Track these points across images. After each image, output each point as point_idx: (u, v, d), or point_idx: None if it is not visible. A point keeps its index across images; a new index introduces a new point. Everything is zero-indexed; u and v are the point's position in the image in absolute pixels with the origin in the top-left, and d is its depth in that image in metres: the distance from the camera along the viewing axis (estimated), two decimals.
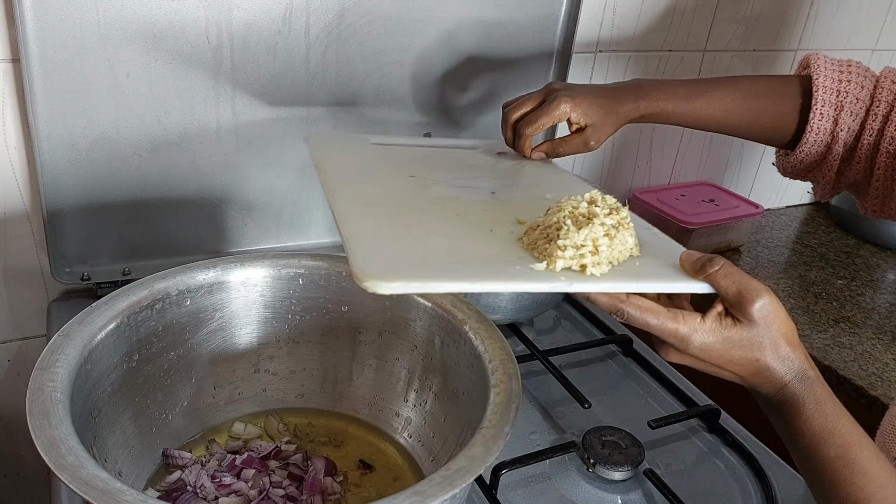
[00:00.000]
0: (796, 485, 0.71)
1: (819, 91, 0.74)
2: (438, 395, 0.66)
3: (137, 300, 0.61)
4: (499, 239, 0.56)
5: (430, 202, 0.62)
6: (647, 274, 0.53)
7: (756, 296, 0.50)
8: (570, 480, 0.69)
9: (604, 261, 0.51)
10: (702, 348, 0.51)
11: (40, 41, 0.73)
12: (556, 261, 0.50)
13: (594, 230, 0.51)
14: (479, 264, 0.51)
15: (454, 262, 0.51)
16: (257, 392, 0.71)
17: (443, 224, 0.58)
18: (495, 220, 0.59)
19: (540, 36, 0.97)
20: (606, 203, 0.55)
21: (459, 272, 0.49)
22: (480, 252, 0.53)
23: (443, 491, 0.45)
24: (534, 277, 0.50)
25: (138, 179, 0.83)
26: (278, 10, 0.81)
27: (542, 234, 0.53)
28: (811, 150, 0.75)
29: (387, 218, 0.57)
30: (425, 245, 0.53)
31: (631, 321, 0.51)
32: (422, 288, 0.47)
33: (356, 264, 0.46)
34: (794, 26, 1.27)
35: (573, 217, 0.53)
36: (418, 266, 0.49)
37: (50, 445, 0.45)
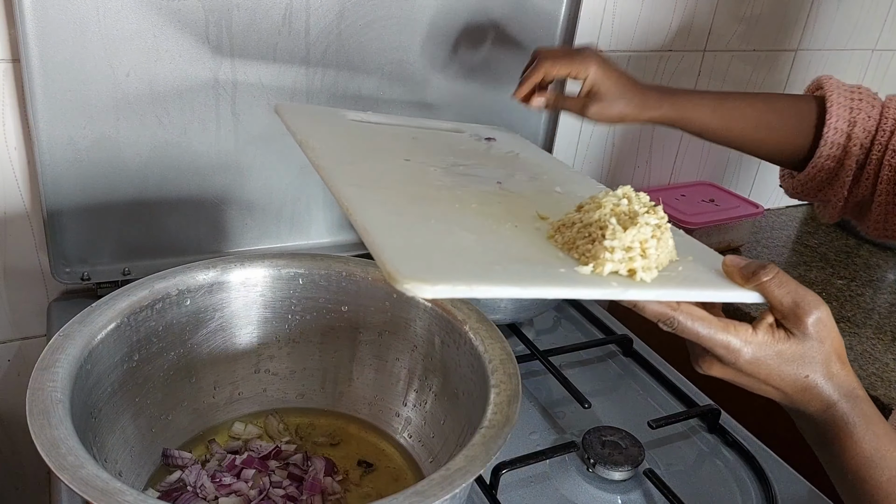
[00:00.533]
0: (796, 485, 0.71)
1: (833, 106, 0.73)
2: (438, 395, 0.66)
3: (137, 300, 0.61)
4: (527, 235, 0.53)
5: (435, 190, 0.59)
6: (695, 281, 0.49)
7: (812, 308, 0.48)
8: (570, 480, 0.69)
9: (653, 265, 0.48)
10: (751, 362, 0.48)
11: (40, 41, 0.73)
12: (605, 264, 0.47)
13: (642, 231, 0.48)
14: (521, 266, 0.48)
15: (491, 262, 0.47)
16: (257, 392, 0.71)
17: (461, 216, 0.54)
18: (514, 214, 0.56)
19: (540, 36, 0.97)
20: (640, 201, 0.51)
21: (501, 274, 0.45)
22: (515, 251, 0.50)
23: (443, 491, 0.45)
24: (583, 282, 0.46)
25: (138, 179, 0.83)
26: (278, 10, 0.81)
27: (581, 232, 0.50)
28: (824, 164, 0.74)
29: (396, 205, 0.54)
30: (452, 241, 0.49)
31: (680, 330, 0.48)
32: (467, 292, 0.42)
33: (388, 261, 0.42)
34: (794, 26, 1.27)
35: (616, 215, 0.49)
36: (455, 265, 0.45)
37: (50, 445, 0.45)
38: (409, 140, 0.73)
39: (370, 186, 0.56)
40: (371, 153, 0.66)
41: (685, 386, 0.83)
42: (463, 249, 0.48)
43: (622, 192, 0.51)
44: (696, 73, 1.21)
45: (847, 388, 0.49)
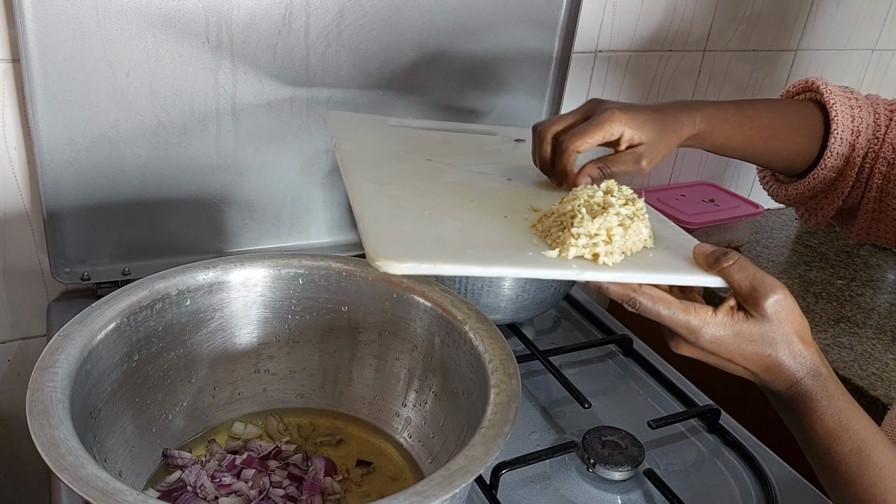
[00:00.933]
0: (796, 485, 0.71)
1: (838, 116, 0.72)
2: (438, 395, 0.66)
3: (137, 300, 0.61)
4: (513, 225, 0.56)
5: (444, 186, 0.62)
6: (659, 265, 0.53)
7: (770, 291, 0.50)
8: (570, 480, 0.69)
9: (616, 250, 0.51)
10: (712, 341, 0.51)
11: (40, 41, 0.73)
12: (569, 248, 0.50)
13: (608, 219, 0.51)
14: (492, 249, 0.51)
15: (467, 246, 0.51)
16: (257, 392, 0.71)
17: (457, 208, 0.58)
18: (510, 207, 0.59)
19: (540, 36, 0.97)
20: (622, 193, 0.54)
21: (471, 256, 0.49)
22: (494, 237, 0.53)
23: (443, 491, 0.45)
24: (545, 264, 0.50)
25: (138, 179, 0.83)
26: (278, 10, 0.81)
27: (556, 221, 0.53)
28: (826, 175, 0.73)
29: (400, 199, 0.57)
30: (439, 228, 0.53)
31: (642, 311, 0.51)
32: (432, 269, 0.46)
33: (369, 243, 0.47)
34: (794, 26, 1.27)
35: (588, 206, 0.53)
36: (430, 248, 0.49)
37: (50, 445, 0.45)
38: (440, 142, 0.75)
39: (381, 182, 0.60)
40: (397, 154, 0.69)
41: (685, 386, 0.83)
42: (445, 235, 0.52)
43: (605, 186, 0.55)
44: (696, 73, 1.21)
45: (810, 367, 0.51)
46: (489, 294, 0.79)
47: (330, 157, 0.93)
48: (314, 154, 0.91)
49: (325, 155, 0.92)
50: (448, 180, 0.64)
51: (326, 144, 0.91)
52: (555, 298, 0.84)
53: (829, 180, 0.74)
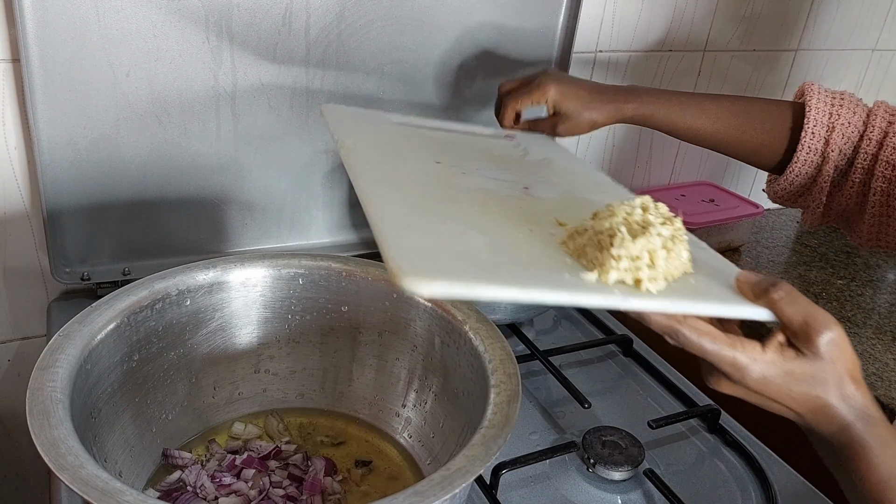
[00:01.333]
0: (796, 485, 0.71)
1: (812, 111, 0.73)
2: (438, 395, 0.66)
3: (137, 300, 0.61)
4: (540, 241, 0.52)
5: (460, 192, 0.58)
6: (705, 294, 0.48)
7: (824, 328, 0.46)
8: (570, 480, 0.69)
9: (660, 276, 0.46)
10: (759, 381, 0.47)
11: (40, 41, 0.73)
12: (610, 272, 0.46)
13: (651, 241, 0.46)
14: (525, 269, 0.47)
15: (496, 264, 0.47)
16: (257, 392, 0.71)
17: (477, 219, 0.54)
18: (533, 219, 0.55)
19: (540, 36, 0.97)
20: (659, 212, 0.50)
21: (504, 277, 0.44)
22: (523, 255, 0.49)
23: (443, 491, 0.45)
24: (585, 289, 0.45)
25: (138, 179, 0.83)
26: (278, 10, 0.81)
27: (592, 240, 0.49)
28: (802, 169, 0.75)
29: (417, 206, 0.53)
30: (463, 241, 0.49)
31: (685, 344, 0.47)
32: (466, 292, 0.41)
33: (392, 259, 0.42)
34: (794, 26, 1.27)
35: (627, 224, 0.48)
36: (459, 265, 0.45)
37: (50, 445, 0.45)
38: (446, 143, 0.72)
39: (393, 185, 0.56)
40: (404, 154, 0.66)
41: (685, 386, 0.83)
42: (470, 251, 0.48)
43: (639, 202, 0.50)
44: (696, 73, 1.21)
45: (861, 410, 0.48)
46: None
47: (330, 157, 0.93)
48: (314, 154, 0.92)
49: (325, 155, 0.92)
50: (462, 186, 0.60)
51: (327, 144, 0.91)
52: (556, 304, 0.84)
53: (807, 176, 0.75)
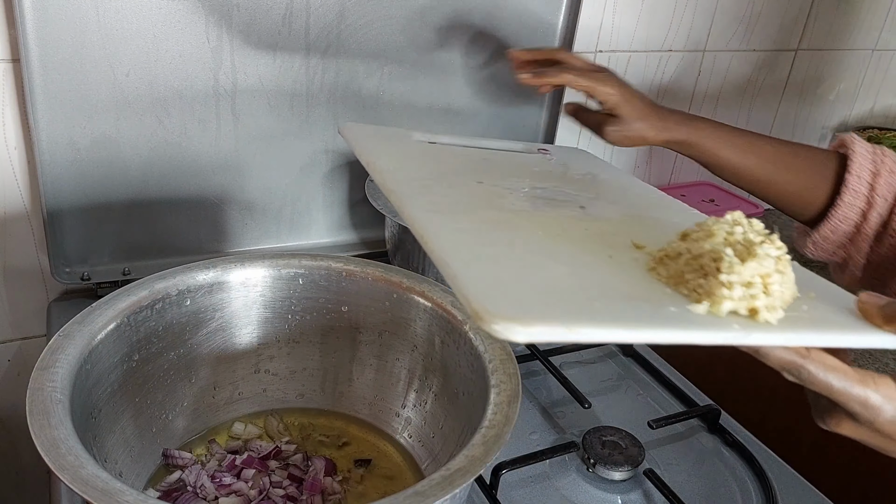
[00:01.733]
0: (796, 485, 0.71)
1: (856, 156, 0.71)
2: (438, 396, 0.66)
3: (137, 300, 0.61)
4: (624, 268, 0.47)
5: (515, 216, 0.54)
6: (827, 322, 0.43)
7: None
8: (570, 480, 0.69)
9: (777, 304, 0.41)
10: (893, 421, 0.41)
11: (40, 41, 0.73)
12: (722, 301, 0.40)
13: (764, 263, 0.41)
14: (624, 304, 0.42)
15: (589, 299, 0.41)
16: (257, 392, 0.71)
17: (548, 246, 0.49)
18: (606, 243, 0.50)
19: (540, 36, 0.97)
20: (754, 228, 0.44)
21: (605, 315, 0.39)
22: (614, 286, 0.44)
23: (443, 491, 0.45)
24: (698, 324, 0.40)
25: (138, 179, 0.83)
26: (278, 10, 0.81)
27: (690, 265, 0.44)
28: (846, 214, 0.71)
29: (476, 233, 0.48)
30: (543, 274, 0.44)
31: (808, 381, 0.41)
32: (566, 335, 0.36)
33: (474, 300, 0.37)
34: (794, 26, 1.27)
35: (731, 245, 0.42)
36: (550, 304, 0.40)
37: (50, 445, 0.45)
38: (480, 161, 0.68)
39: (444, 212, 0.51)
40: (441, 175, 0.61)
41: (685, 386, 0.83)
42: (556, 284, 0.43)
43: (732, 219, 0.45)
44: (697, 73, 1.21)
45: None
46: None
47: (330, 156, 0.93)
48: (314, 154, 0.92)
49: (325, 155, 0.92)
50: (515, 208, 0.55)
51: (326, 144, 0.92)
52: None
53: (851, 222, 0.71)
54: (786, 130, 1.40)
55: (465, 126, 0.99)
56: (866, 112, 1.49)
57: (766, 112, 1.35)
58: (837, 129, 1.47)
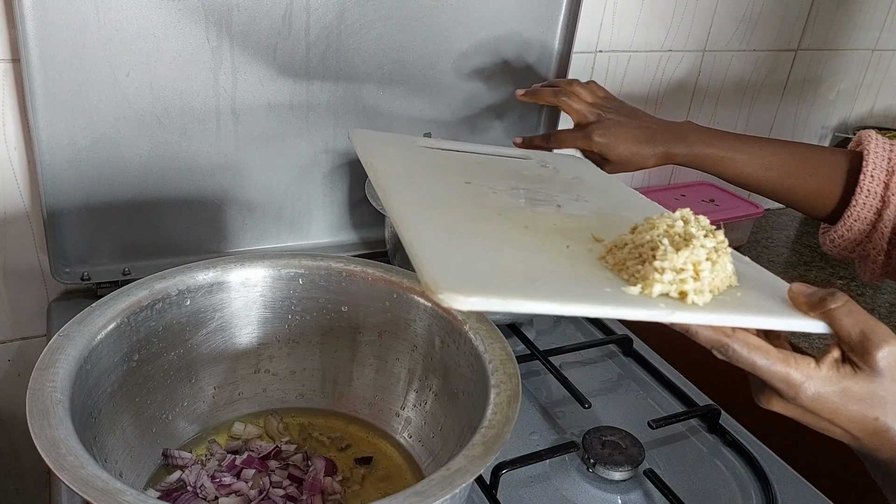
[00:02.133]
0: (796, 485, 0.71)
1: (870, 155, 0.70)
2: (438, 396, 0.66)
3: (137, 300, 0.61)
4: (577, 256, 0.51)
5: (491, 210, 0.58)
6: (753, 307, 0.47)
7: (882, 342, 0.44)
8: (570, 480, 0.69)
9: (706, 289, 0.45)
10: (814, 399, 0.44)
11: (40, 41, 0.73)
12: (654, 284, 0.45)
13: (695, 252, 0.45)
14: (564, 283, 0.46)
15: (534, 278, 0.46)
16: (257, 392, 0.71)
17: (512, 235, 0.53)
18: (568, 236, 0.54)
19: (540, 36, 0.97)
20: (700, 224, 0.49)
21: (543, 290, 0.44)
22: (561, 269, 0.48)
23: (443, 491, 0.45)
24: (628, 302, 0.44)
25: (138, 179, 0.83)
26: (278, 10, 0.81)
27: (632, 253, 0.48)
28: (861, 214, 0.71)
29: (448, 223, 0.53)
30: (498, 257, 0.48)
31: (735, 359, 0.45)
32: (502, 305, 0.41)
33: (426, 273, 0.42)
34: (794, 26, 1.27)
35: (669, 237, 0.47)
36: (496, 280, 0.44)
37: (50, 445, 0.45)
38: (475, 164, 0.72)
39: (424, 205, 0.56)
40: (433, 175, 0.66)
41: (685, 386, 0.83)
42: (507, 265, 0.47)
43: (679, 214, 0.49)
44: (697, 73, 1.21)
45: None
46: None
47: (330, 156, 0.93)
48: (314, 154, 0.92)
49: (325, 155, 0.92)
50: (493, 204, 0.59)
51: (326, 144, 0.91)
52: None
53: (866, 220, 0.71)
54: (786, 130, 1.40)
55: (463, 127, 0.99)
56: (866, 112, 1.49)
57: (766, 112, 1.35)
58: (837, 129, 1.47)
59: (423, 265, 0.43)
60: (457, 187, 0.62)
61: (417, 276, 0.42)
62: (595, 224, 0.58)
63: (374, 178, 0.60)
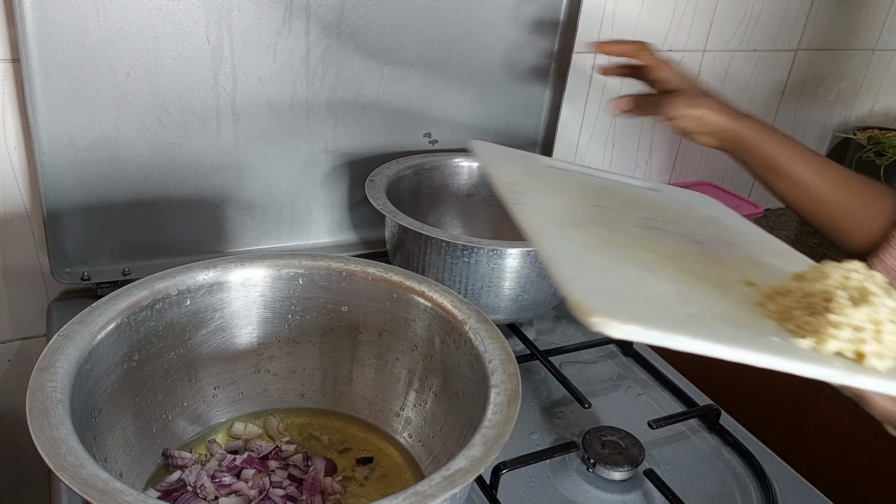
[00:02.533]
0: (796, 485, 0.71)
1: None
2: (438, 395, 0.66)
3: (137, 300, 0.61)
4: (732, 298, 0.47)
5: (628, 237, 0.54)
6: None
7: None
8: (570, 480, 0.69)
9: (888, 352, 0.41)
10: None
11: (40, 41, 0.73)
12: (828, 340, 0.41)
13: (878, 311, 0.41)
14: (724, 325, 0.42)
15: (689, 314, 0.42)
16: (257, 392, 0.71)
17: (656, 266, 0.49)
18: (717, 275, 0.50)
19: (540, 35, 0.98)
20: (874, 280, 0.44)
21: (703, 330, 0.40)
22: (717, 309, 0.44)
23: (443, 491, 0.45)
24: (801, 356, 0.40)
25: (138, 179, 0.83)
26: (278, 10, 0.81)
27: (800, 302, 0.44)
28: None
29: (588, 245, 0.50)
30: (647, 286, 0.45)
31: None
32: (661, 339, 0.38)
33: (575, 295, 0.39)
34: (794, 26, 1.27)
35: (846, 290, 0.43)
36: (649, 310, 0.41)
37: (50, 445, 0.45)
38: (601, 189, 0.69)
39: (559, 223, 0.53)
40: (562, 195, 0.63)
41: (685, 386, 0.83)
42: (658, 297, 0.44)
43: (850, 266, 0.45)
44: (697, 73, 1.21)
45: None
46: (489, 294, 0.79)
47: (330, 156, 0.93)
48: (314, 154, 0.92)
49: (325, 155, 0.92)
50: (630, 231, 0.56)
51: (326, 144, 0.92)
52: (555, 298, 0.84)
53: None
54: (786, 130, 1.39)
55: (463, 127, 0.99)
56: (866, 112, 1.49)
57: (766, 112, 1.35)
58: (837, 129, 1.47)
59: (568, 285, 0.40)
60: (589, 209, 0.59)
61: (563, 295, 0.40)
62: (742, 266, 0.54)
63: (500, 190, 0.58)
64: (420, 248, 0.78)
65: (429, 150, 0.98)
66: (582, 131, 1.15)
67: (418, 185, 0.95)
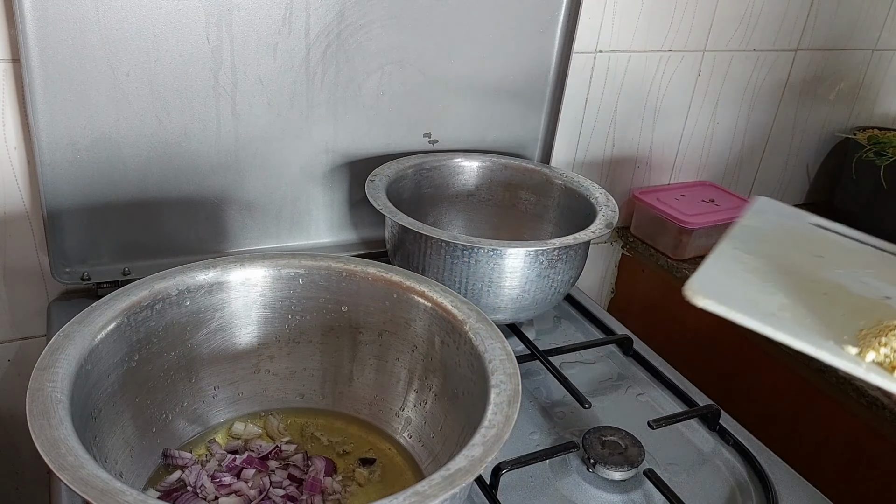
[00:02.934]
0: (796, 485, 0.71)
1: None
2: (438, 395, 0.66)
3: (137, 300, 0.61)
4: (840, 321, 0.53)
5: (808, 278, 0.59)
6: None
7: None
8: (570, 480, 0.69)
9: None
10: None
11: (40, 41, 0.73)
12: (868, 351, 0.49)
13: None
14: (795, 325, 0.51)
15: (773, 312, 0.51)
16: (257, 392, 0.71)
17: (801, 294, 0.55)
18: (857, 314, 0.54)
19: (540, 35, 0.97)
20: None
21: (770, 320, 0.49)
22: (810, 320, 0.52)
23: (443, 491, 0.45)
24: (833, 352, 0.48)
25: (138, 179, 0.83)
26: (278, 10, 0.81)
27: (881, 331, 0.51)
28: None
29: (754, 268, 0.57)
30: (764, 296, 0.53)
31: None
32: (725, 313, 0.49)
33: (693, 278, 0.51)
34: (794, 26, 1.27)
35: None
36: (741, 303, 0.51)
37: (50, 445, 0.45)
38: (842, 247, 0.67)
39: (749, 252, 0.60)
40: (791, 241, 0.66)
41: (685, 386, 0.83)
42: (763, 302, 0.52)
43: None
44: (697, 73, 1.21)
45: None
46: (489, 294, 0.79)
47: (330, 156, 0.93)
48: (314, 154, 0.92)
49: (325, 155, 0.92)
50: (818, 276, 0.59)
51: (326, 144, 0.92)
52: (555, 298, 0.84)
53: None
54: (786, 130, 1.40)
55: (462, 128, 0.99)
56: (866, 112, 1.49)
57: (766, 112, 1.35)
58: (837, 129, 1.47)
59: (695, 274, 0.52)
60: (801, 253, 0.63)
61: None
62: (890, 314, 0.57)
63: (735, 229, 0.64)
64: (420, 248, 0.78)
65: (429, 150, 0.99)
66: (582, 131, 1.15)
67: (418, 185, 0.95)
